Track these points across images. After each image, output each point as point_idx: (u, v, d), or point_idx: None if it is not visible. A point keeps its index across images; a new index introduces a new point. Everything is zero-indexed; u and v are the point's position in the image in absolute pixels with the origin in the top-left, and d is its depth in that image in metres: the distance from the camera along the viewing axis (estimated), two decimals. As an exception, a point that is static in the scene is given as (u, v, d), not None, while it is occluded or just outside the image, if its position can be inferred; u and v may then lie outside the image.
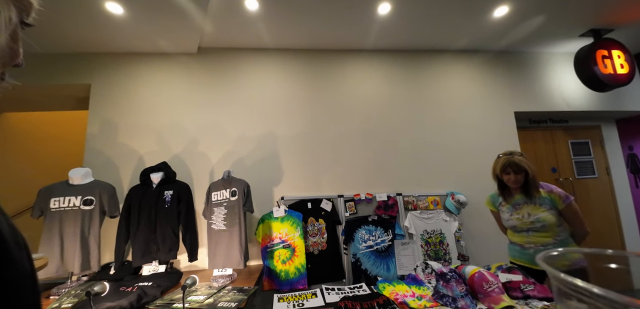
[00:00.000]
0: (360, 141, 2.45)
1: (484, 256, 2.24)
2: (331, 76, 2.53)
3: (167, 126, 2.25)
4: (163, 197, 1.78)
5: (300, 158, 2.34)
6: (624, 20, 2.41)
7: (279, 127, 2.36)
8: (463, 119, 2.59)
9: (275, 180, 2.26)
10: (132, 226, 1.75)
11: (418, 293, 1.48)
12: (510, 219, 1.57)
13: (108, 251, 1.96)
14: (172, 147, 2.22)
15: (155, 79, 2.33)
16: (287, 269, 1.95)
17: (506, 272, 1.47)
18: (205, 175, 2.20)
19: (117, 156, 2.16)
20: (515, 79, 2.77)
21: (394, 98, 2.56)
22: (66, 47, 2.21)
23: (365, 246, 2.16)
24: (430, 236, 2.21)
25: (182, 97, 2.32)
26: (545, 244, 1.46)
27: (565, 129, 3.07)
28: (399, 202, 2.33)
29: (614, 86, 2.51)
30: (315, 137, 2.40)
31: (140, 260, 1.72)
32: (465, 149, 2.52)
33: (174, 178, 1.92)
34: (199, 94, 2.34)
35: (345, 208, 2.27)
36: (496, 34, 2.49)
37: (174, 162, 2.13)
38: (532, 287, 1.36)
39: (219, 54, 2.44)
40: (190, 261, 1.86)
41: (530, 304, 1.27)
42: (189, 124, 2.28)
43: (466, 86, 2.68)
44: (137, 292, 1.48)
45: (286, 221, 2.04)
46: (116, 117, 2.22)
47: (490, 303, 1.27)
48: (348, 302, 1.31)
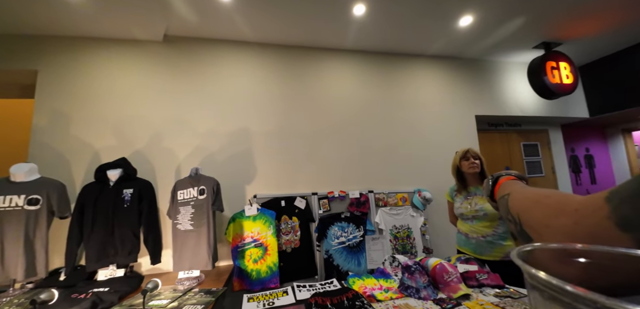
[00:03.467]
0: (335, 139, 2.48)
1: (446, 248, 2.40)
2: (306, 74, 2.53)
3: (128, 119, 2.08)
4: (122, 196, 1.65)
5: (274, 156, 2.31)
6: (571, 36, 2.72)
7: (252, 124, 2.30)
8: (430, 121, 2.75)
9: (247, 178, 2.21)
10: (86, 227, 1.61)
11: (385, 286, 1.55)
12: (460, 207, 1.74)
13: (58, 255, 1.78)
14: (132, 142, 2.06)
15: (114, 67, 2.13)
16: (259, 269, 1.93)
17: (464, 263, 1.59)
18: (170, 172, 2.08)
19: (68, 151, 1.96)
20: (477, 85, 2.99)
21: (367, 99, 2.63)
22: (9, 28, 1.95)
23: (338, 242, 2.21)
24: (399, 231, 2.32)
25: (145, 88, 2.15)
26: (485, 234, 1.63)
27: (518, 132, 3.39)
28: (371, 199, 2.41)
29: (560, 95, 2.82)
30: (289, 135, 2.37)
31: (95, 264, 1.59)
32: (431, 149, 2.67)
33: (135, 175, 1.79)
34: (165, 86, 2.19)
35: (319, 206, 2.30)
36: (461, 42, 2.67)
37: (135, 158, 1.96)
38: (486, 276, 1.50)
39: (188, 43, 2.30)
40: (152, 263, 1.75)
41: (484, 291, 1.39)
42: (152, 118, 2.12)
43: (434, 90, 2.84)
44: (92, 299, 1.37)
45: (259, 220, 2.01)
46: (67, 108, 2.01)
47: (449, 292, 1.38)
48: (318, 298, 1.33)
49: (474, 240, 1.68)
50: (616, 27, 2.57)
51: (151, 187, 1.81)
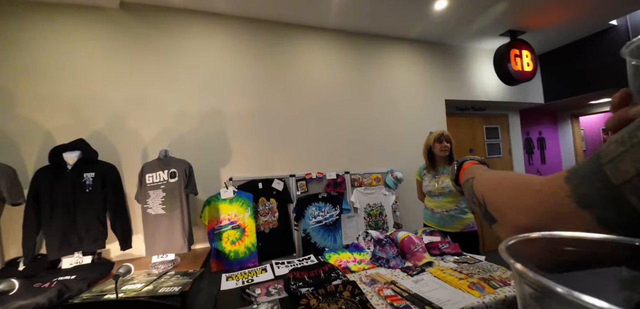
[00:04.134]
0: (312, 121, 2.49)
1: (414, 223, 2.60)
2: (282, 53, 2.46)
3: (84, 97, 1.89)
4: (82, 180, 1.54)
5: (249, 138, 2.26)
6: (534, 25, 2.92)
7: (225, 104, 2.21)
8: (404, 105, 2.86)
9: (222, 160, 2.16)
10: (44, 214, 1.49)
11: (359, 258, 1.66)
12: (428, 185, 1.89)
13: (14, 245, 1.64)
14: (90, 122, 1.88)
15: (66, 37, 1.88)
16: (237, 249, 1.95)
17: (429, 235, 1.75)
18: (136, 155, 1.95)
19: (15, 133, 1.75)
20: (448, 71, 3.14)
21: (344, 80, 2.65)
22: None
23: (315, 221, 2.29)
24: (372, 209, 2.46)
25: (102, 62, 1.94)
26: (448, 209, 1.81)
27: (482, 116, 3.65)
28: (347, 180, 2.50)
29: (521, 81, 3.05)
30: (265, 117, 2.33)
31: (58, 252, 1.50)
32: (404, 131, 2.80)
33: (96, 159, 1.67)
34: (126, 60, 1.99)
35: (296, 187, 2.34)
36: (436, 26, 2.75)
37: (95, 139, 1.80)
38: (447, 245, 1.67)
39: (151, 12, 2.07)
40: (122, 249, 1.69)
41: (445, 259, 1.56)
42: (112, 96, 1.94)
43: (408, 74, 2.94)
44: (57, 287, 1.31)
45: (235, 202, 2.00)
46: (11, 84, 1.78)
47: (415, 261, 1.52)
48: (296, 273, 1.40)
49: (439, 214, 1.85)
50: (573, 19, 2.81)
51: (115, 171, 1.71)
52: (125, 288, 1.37)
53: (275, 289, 1.29)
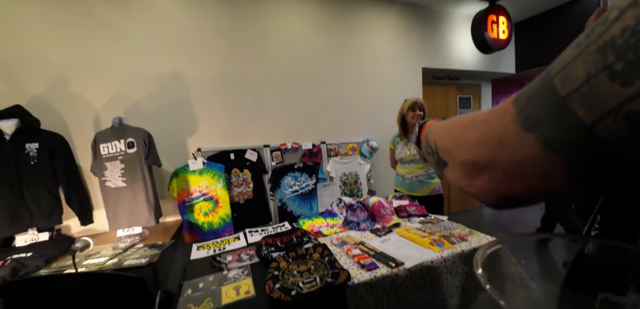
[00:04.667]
0: (287, 89, 2.39)
1: (386, 189, 2.70)
2: (253, 11, 2.25)
3: (17, 58, 1.64)
4: (25, 152, 1.39)
5: (218, 105, 2.12)
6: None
7: (187, 68, 2.02)
8: (380, 72, 2.82)
9: (188, 130, 2.04)
10: (-17, 190, 1.35)
11: (332, 223, 1.71)
12: (400, 152, 1.95)
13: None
14: (27, 86, 1.65)
15: None
16: (211, 221, 1.92)
17: (398, 199, 1.83)
18: (86, 124, 1.77)
19: None
20: (426, 37, 3.10)
21: (320, 45, 2.53)
22: None
23: (291, 191, 2.30)
24: (348, 177, 2.51)
25: (39, 16, 1.67)
26: (417, 175, 1.89)
27: (456, 86, 3.74)
28: (323, 150, 2.50)
29: (495, 49, 3.08)
30: (234, 83, 2.18)
31: (8, 230, 1.38)
32: (380, 100, 2.80)
33: (38, 127, 1.50)
34: (67, 16, 1.72)
35: (271, 158, 2.30)
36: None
37: (35, 106, 1.59)
38: (414, 208, 1.76)
39: None
40: (83, 224, 1.60)
41: (411, 220, 1.65)
42: (52, 56, 1.70)
43: (386, 39, 2.85)
44: (11, 265, 1.23)
45: (206, 174, 1.94)
46: None
47: (384, 223, 1.59)
48: (269, 239, 1.42)
49: (409, 180, 1.92)
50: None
51: (63, 142, 1.55)
52: (88, 263, 1.31)
53: (247, 255, 1.31)
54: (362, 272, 1.04)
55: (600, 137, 0.17)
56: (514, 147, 0.22)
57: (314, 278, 1.00)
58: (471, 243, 1.24)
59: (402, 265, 1.06)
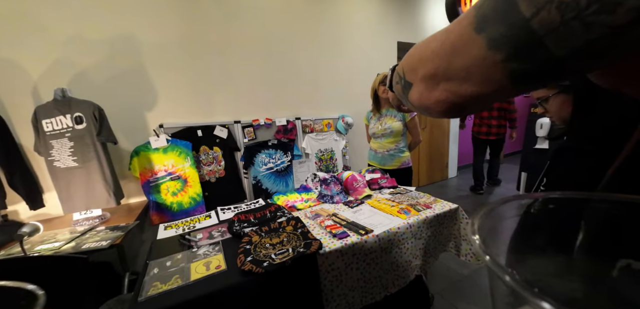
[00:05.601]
0: (258, 59, 2.25)
1: (361, 164, 2.78)
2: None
3: None
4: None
5: (180, 76, 1.93)
6: None
7: (142, 30, 1.77)
8: (355, 45, 2.77)
9: (146, 104, 1.85)
10: None
11: (306, 198, 1.73)
12: (373, 127, 1.99)
13: None
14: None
15: None
16: (180, 201, 1.84)
17: (371, 173, 1.89)
18: (23, 96, 1.52)
19: None
20: (400, 10, 3.06)
21: (294, 14, 2.38)
22: None
23: (266, 168, 2.26)
24: (323, 154, 2.52)
25: None
26: (389, 149, 1.96)
27: (428, 63, 3.84)
28: (298, 127, 2.46)
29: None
30: (197, 49, 1.97)
31: None
32: (355, 75, 2.79)
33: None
34: None
35: (243, 134, 2.22)
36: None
37: None
38: (385, 180, 1.83)
39: None
40: (32, 209, 1.44)
41: (382, 192, 1.73)
42: None
43: (360, 11, 2.77)
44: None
45: (171, 152, 1.82)
46: None
47: (356, 195, 1.65)
48: (242, 215, 1.39)
49: (380, 154, 1.99)
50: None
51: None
52: (42, 248, 1.20)
53: (219, 232, 1.28)
54: (334, 240, 1.08)
55: (534, 31, 0.17)
56: (466, 51, 0.22)
57: (286, 249, 1.01)
58: (435, 209, 1.33)
59: (372, 232, 1.11)
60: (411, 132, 1.96)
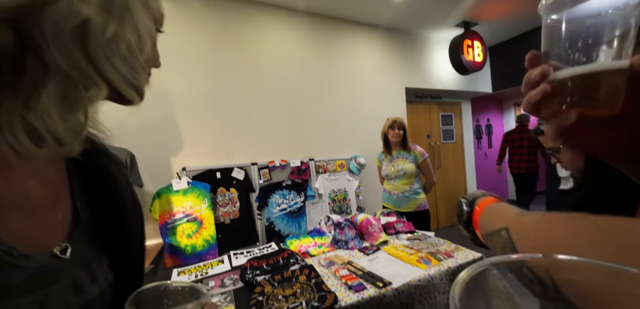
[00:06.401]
0: (274, 105, 2.40)
1: (375, 205, 2.71)
2: (241, 30, 2.28)
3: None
4: None
5: (204, 123, 2.09)
6: (485, 17, 3.14)
7: (174, 85, 1.98)
8: (366, 90, 2.90)
9: (173, 148, 1.98)
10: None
11: (320, 242, 1.68)
12: (386, 169, 1.99)
13: None
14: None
15: None
16: (194, 243, 1.84)
17: (386, 216, 1.84)
18: None
19: None
20: (408, 59, 3.26)
21: (307, 63, 2.58)
22: None
23: (279, 209, 2.26)
24: (336, 194, 2.51)
25: None
26: (403, 191, 1.92)
27: (438, 104, 3.90)
28: (311, 167, 2.50)
29: (472, 71, 3.30)
30: (222, 100, 2.16)
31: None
32: (366, 118, 2.87)
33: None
34: None
35: (259, 175, 2.27)
36: (397, 13, 2.81)
37: None
38: (402, 224, 1.77)
39: None
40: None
41: (399, 237, 1.66)
42: None
43: (371, 59, 2.97)
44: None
45: (190, 194, 1.88)
46: None
47: (372, 241, 1.59)
48: (254, 261, 1.37)
49: (395, 196, 1.95)
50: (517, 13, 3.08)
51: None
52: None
53: (231, 280, 1.25)
54: (350, 293, 1.02)
55: None
56: None
57: (299, 303, 0.97)
58: (457, 259, 1.26)
59: (390, 285, 1.05)
60: (424, 173, 1.93)
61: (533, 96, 0.27)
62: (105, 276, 0.35)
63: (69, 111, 0.24)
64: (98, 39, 0.24)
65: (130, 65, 0.29)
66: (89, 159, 0.34)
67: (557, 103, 0.27)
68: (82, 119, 0.26)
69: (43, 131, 0.22)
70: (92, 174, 0.36)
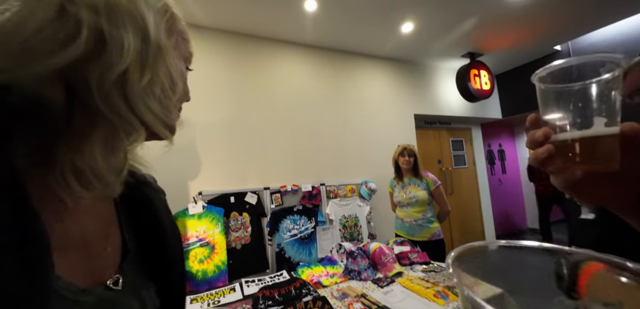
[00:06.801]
0: (287, 133, 2.48)
1: (387, 233, 2.66)
2: (257, 64, 2.45)
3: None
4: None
5: (221, 149, 2.18)
6: (489, 48, 3.22)
7: (196, 114, 2.11)
8: (375, 117, 2.96)
9: (191, 173, 2.05)
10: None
11: (331, 272, 1.66)
12: (397, 196, 1.98)
13: None
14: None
15: None
16: (205, 269, 1.84)
17: (399, 245, 1.80)
18: None
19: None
20: (416, 87, 3.33)
21: (319, 93, 2.69)
22: None
23: (290, 235, 2.25)
24: (347, 220, 2.48)
25: None
26: (416, 219, 1.89)
27: (448, 129, 3.91)
28: (322, 192, 2.51)
29: (480, 98, 3.33)
30: (239, 127, 2.27)
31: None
32: (376, 143, 2.90)
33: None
34: None
35: (271, 200, 2.29)
36: (405, 46, 2.93)
37: None
38: (416, 255, 1.73)
39: None
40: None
41: (414, 268, 1.61)
42: None
43: (380, 89, 3.07)
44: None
45: (204, 218, 1.91)
46: None
47: (386, 272, 1.55)
48: (266, 291, 1.36)
49: (408, 224, 1.92)
50: (522, 44, 3.15)
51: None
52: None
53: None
54: (366, 329, 0.99)
55: None
56: None
57: (315, 337, 0.95)
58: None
59: (407, 321, 1.02)
60: (438, 201, 1.91)
61: (539, 154, 0.32)
62: (153, 303, 0.36)
63: (111, 153, 0.26)
64: (136, 86, 0.26)
65: (164, 106, 0.30)
66: (132, 191, 0.37)
67: (561, 161, 0.31)
68: (123, 160, 0.28)
69: (89, 174, 0.24)
70: (136, 205, 0.38)
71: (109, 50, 0.23)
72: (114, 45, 0.23)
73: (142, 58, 0.26)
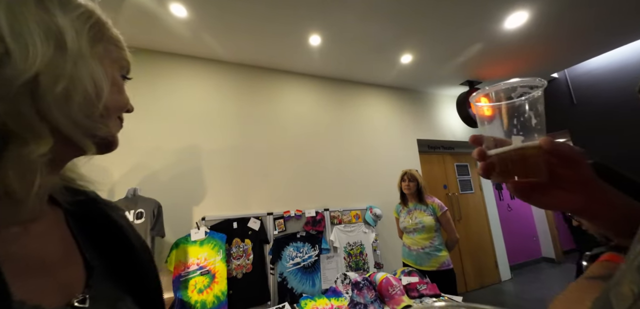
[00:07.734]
0: (291, 159, 2.50)
1: (394, 261, 2.56)
2: (262, 94, 2.54)
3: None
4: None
5: (226, 175, 2.19)
6: (487, 77, 3.30)
7: (203, 141, 2.16)
8: (379, 143, 2.98)
9: (195, 198, 2.04)
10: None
11: (336, 305, 1.57)
12: (403, 221, 1.93)
13: None
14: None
15: None
16: (204, 299, 1.77)
17: (407, 275, 1.72)
18: (102, 194, 1.80)
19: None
20: (418, 113, 3.39)
21: (323, 121, 2.75)
22: None
23: (293, 263, 2.18)
24: (352, 247, 2.40)
25: None
26: (423, 246, 1.82)
27: (452, 154, 3.89)
28: (326, 218, 2.46)
29: (482, 124, 3.34)
30: (244, 154, 2.30)
31: None
32: (380, 169, 2.89)
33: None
34: None
35: (274, 226, 2.25)
36: (405, 75, 3.02)
37: None
38: (425, 286, 1.64)
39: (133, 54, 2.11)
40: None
41: (423, 301, 1.52)
42: None
43: (383, 116, 3.12)
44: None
45: (206, 244, 1.87)
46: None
47: (394, 305, 1.47)
48: (268, 324, 1.29)
49: (415, 252, 1.85)
50: (520, 72, 3.22)
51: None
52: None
53: (244, 346, 1.17)
54: (375, 370, 0.92)
55: None
56: None
57: None
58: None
59: (419, 361, 0.94)
60: (445, 228, 1.85)
61: (479, 169, 0.35)
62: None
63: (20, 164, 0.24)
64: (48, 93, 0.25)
65: (87, 115, 0.29)
66: (88, 208, 0.37)
67: (496, 175, 0.34)
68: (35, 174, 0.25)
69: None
70: (96, 224, 0.38)
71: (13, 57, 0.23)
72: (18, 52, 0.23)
73: (56, 65, 0.25)
